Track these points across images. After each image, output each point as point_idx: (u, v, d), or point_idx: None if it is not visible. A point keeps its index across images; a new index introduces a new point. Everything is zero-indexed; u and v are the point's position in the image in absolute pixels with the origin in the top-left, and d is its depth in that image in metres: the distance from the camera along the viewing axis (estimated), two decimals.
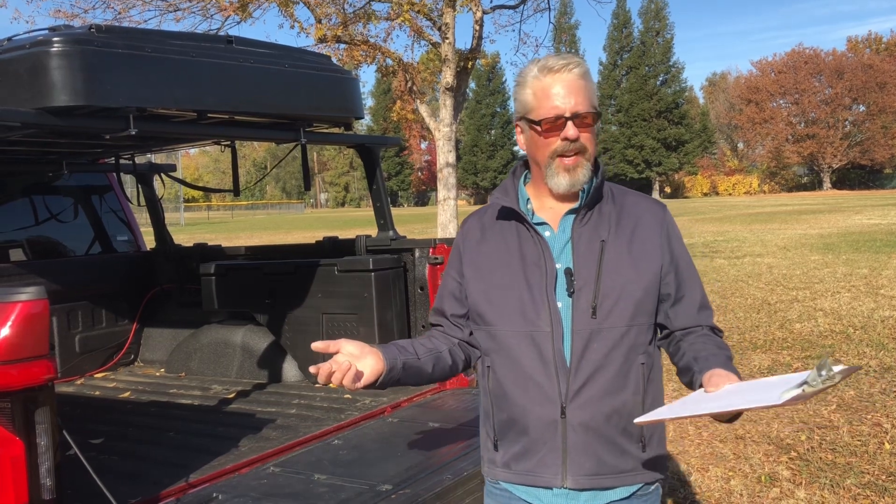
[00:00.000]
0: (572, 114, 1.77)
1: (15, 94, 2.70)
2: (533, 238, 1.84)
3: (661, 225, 1.87)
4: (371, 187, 4.30)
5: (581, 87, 1.79)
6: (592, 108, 1.80)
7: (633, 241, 1.83)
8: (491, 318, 1.86)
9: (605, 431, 1.79)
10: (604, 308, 1.77)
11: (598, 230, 1.83)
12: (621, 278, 1.79)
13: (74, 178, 5.03)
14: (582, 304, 1.78)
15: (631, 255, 1.81)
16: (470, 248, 1.94)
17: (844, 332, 8.08)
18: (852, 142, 68.73)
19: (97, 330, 4.88)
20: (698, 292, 1.89)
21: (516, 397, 1.83)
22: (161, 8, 11.58)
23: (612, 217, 1.85)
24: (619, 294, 1.78)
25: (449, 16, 11.21)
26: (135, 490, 2.62)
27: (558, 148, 1.79)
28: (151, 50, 2.89)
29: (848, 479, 4.27)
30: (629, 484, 1.83)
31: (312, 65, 3.54)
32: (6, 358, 2.10)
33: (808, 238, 19.29)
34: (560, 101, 1.77)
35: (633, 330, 1.79)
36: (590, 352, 1.77)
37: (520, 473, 1.85)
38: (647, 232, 1.85)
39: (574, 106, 1.77)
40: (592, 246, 1.81)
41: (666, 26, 69.61)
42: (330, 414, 3.58)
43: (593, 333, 1.77)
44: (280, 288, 4.26)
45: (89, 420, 3.68)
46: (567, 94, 1.77)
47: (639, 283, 1.80)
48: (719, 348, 1.82)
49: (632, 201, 1.90)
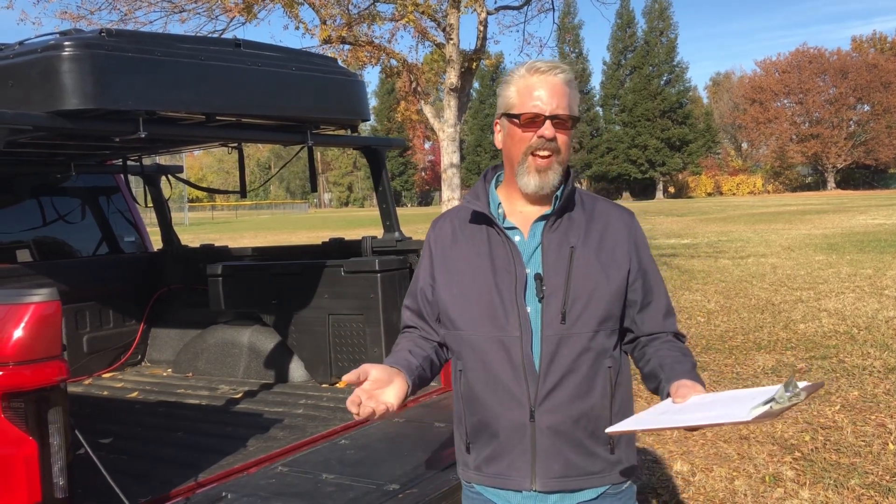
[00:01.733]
0: (552, 114, 1.80)
1: (27, 98, 2.73)
2: (504, 243, 1.85)
3: (630, 232, 1.90)
4: (377, 189, 4.32)
5: (564, 93, 1.82)
6: (572, 114, 1.83)
7: (602, 248, 1.86)
8: (461, 322, 1.87)
9: (573, 435, 1.81)
10: (573, 313, 1.79)
11: (567, 236, 1.85)
12: (590, 284, 1.81)
13: (82, 180, 5.07)
14: (551, 309, 1.79)
15: (599, 262, 1.84)
16: (441, 251, 1.94)
17: (848, 332, 8.08)
18: (856, 141, 68.58)
19: (105, 330, 4.91)
20: (664, 299, 1.93)
21: (486, 401, 1.84)
22: (166, 9, 11.61)
23: (581, 224, 1.87)
24: (587, 299, 1.80)
25: (453, 17, 11.23)
26: (145, 489, 2.65)
27: (533, 144, 1.81)
28: (160, 53, 2.92)
29: (852, 480, 4.28)
30: (597, 486, 1.85)
31: (319, 67, 3.57)
32: (20, 359, 2.14)
33: (813, 238, 19.27)
34: (542, 100, 1.80)
35: (601, 335, 1.82)
36: (559, 356, 1.79)
37: (490, 476, 1.88)
38: (615, 239, 1.88)
39: (555, 108, 1.80)
40: (562, 252, 1.83)
41: (670, 26, 69.55)
42: (337, 414, 3.61)
43: (562, 338, 1.79)
44: (286, 289, 4.29)
45: (98, 420, 3.71)
46: (550, 95, 1.81)
47: (607, 289, 1.83)
48: (684, 355, 1.85)
49: (601, 208, 1.92)
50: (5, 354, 2.13)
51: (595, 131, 71.10)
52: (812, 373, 6.59)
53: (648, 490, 4.31)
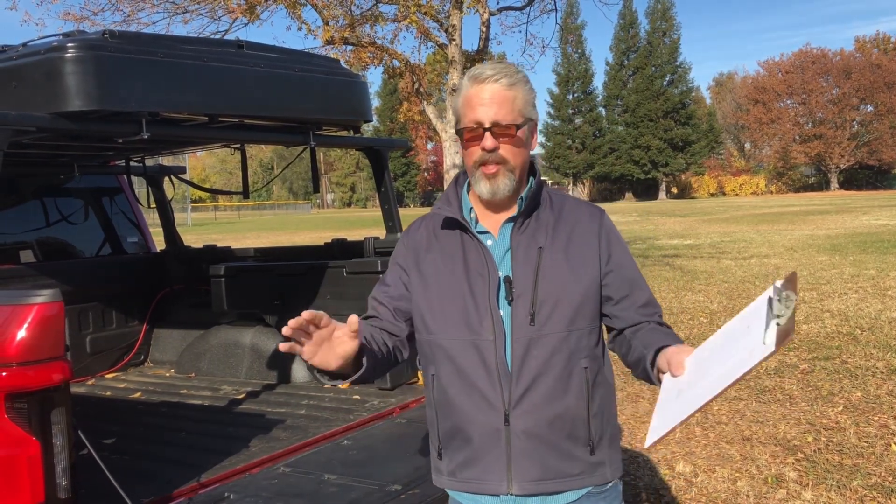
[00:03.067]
0: (491, 123, 1.77)
1: (30, 99, 2.74)
2: (476, 247, 1.84)
3: (598, 229, 1.89)
4: (379, 189, 4.33)
5: (505, 98, 1.79)
6: (516, 120, 1.79)
7: (570, 247, 1.85)
8: (435, 326, 1.86)
9: (549, 437, 1.80)
10: (541, 315, 1.78)
11: (535, 237, 1.84)
12: (558, 284, 1.80)
13: (85, 180, 5.08)
14: (520, 311, 1.79)
15: (568, 261, 1.83)
16: (416, 255, 1.93)
17: (851, 333, 8.07)
18: (860, 142, 68.49)
19: (108, 331, 4.92)
20: (644, 292, 1.91)
21: (460, 405, 1.83)
22: (169, 10, 11.65)
23: (549, 224, 1.86)
24: (556, 300, 1.79)
25: (456, 17, 11.24)
26: (148, 489, 2.66)
27: (478, 158, 1.80)
28: (164, 55, 2.93)
29: (855, 481, 4.28)
30: (577, 488, 1.84)
31: (322, 69, 3.58)
32: (23, 359, 2.14)
33: (816, 239, 19.25)
34: (481, 111, 1.78)
35: (574, 335, 1.80)
36: (530, 358, 1.78)
37: (465, 481, 1.86)
38: (583, 237, 1.87)
39: (493, 116, 1.77)
40: (530, 253, 1.82)
41: (672, 26, 69.48)
42: (339, 415, 3.62)
43: (532, 340, 1.78)
44: (289, 289, 4.29)
45: (101, 420, 3.72)
46: (489, 104, 1.78)
47: (576, 288, 1.81)
48: (667, 335, 1.83)
49: (569, 207, 1.92)
50: (9, 355, 2.14)
51: (598, 132, 71.06)
52: (815, 373, 6.59)
53: (651, 491, 4.31)
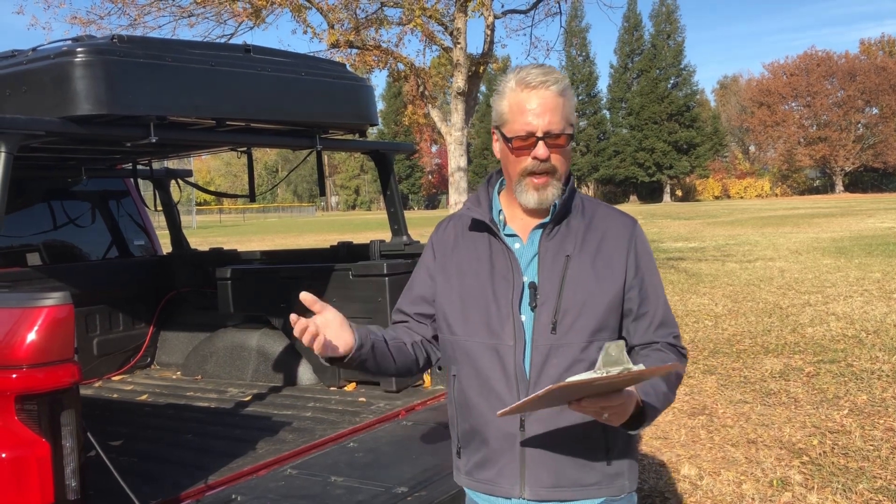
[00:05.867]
0: (545, 133, 1.75)
1: (40, 103, 2.76)
2: (503, 250, 1.83)
3: (629, 240, 1.85)
4: (385, 193, 4.34)
5: (557, 106, 1.77)
6: (566, 129, 1.78)
7: (598, 257, 1.81)
8: (458, 328, 1.86)
9: (564, 445, 1.78)
10: (564, 323, 1.77)
11: (564, 245, 1.81)
12: (583, 294, 1.77)
13: (92, 183, 5.10)
14: (542, 318, 1.77)
15: (594, 271, 1.80)
16: (443, 254, 1.94)
17: (857, 336, 8.06)
18: (865, 144, 68.34)
19: (114, 333, 4.94)
20: (661, 310, 1.86)
21: (478, 408, 1.83)
22: (175, 14, 11.69)
23: (579, 231, 1.84)
24: (580, 310, 1.77)
25: (461, 21, 11.26)
26: (155, 491, 2.67)
27: (528, 166, 1.78)
28: (171, 59, 2.95)
29: (860, 484, 4.28)
30: (592, 497, 1.81)
31: (328, 73, 3.59)
32: (33, 361, 2.16)
33: (821, 242, 19.21)
34: (533, 118, 1.75)
35: (595, 345, 1.76)
36: (549, 367, 1.77)
37: (481, 482, 1.88)
38: (613, 247, 1.83)
39: (547, 125, 1.75)
40: (557, 260, 1.80)
41: (677, 29, 69.46)
42: (345, 417, 3.62)
43: (552, 349, 1.77)
44: (295, 292, 4.29)
45: (108, 422, 3.73)
46: (542, 112, 1.75)
47: (601, 299, 1.78)
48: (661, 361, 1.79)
49: (601, 215, 1.88)
50: (19, 357, 2.16)
51: (602, 134, 71.03)
52: (820, 376, 6.58)
53: (656, 494, 4.31)
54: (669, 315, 1.89)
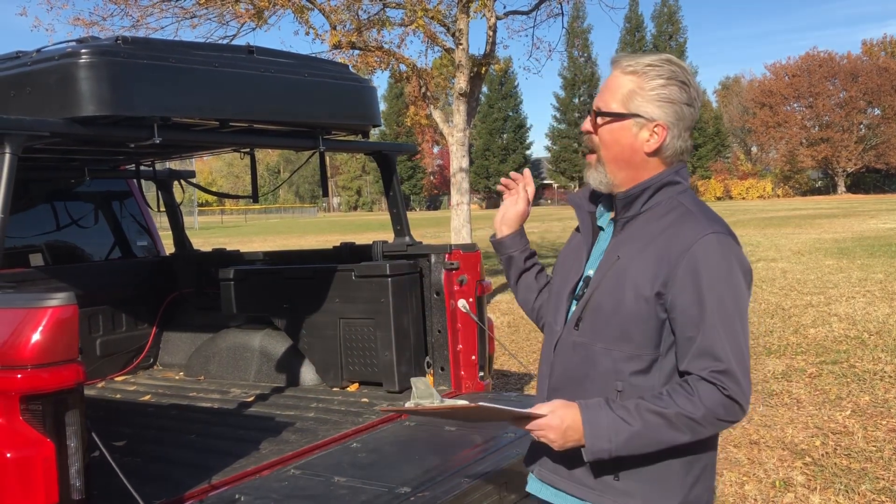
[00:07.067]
0: (595, 109, 1.75)
1: (44, 104, 2.77)
2: (588, 238, 1.86)
3: (682, 253, 1.64)
4: (387, 194, 4.35)
5: (615, 85, 1.71)
6: (611, 107, 1.70)
7: (646, 264, 1.67)
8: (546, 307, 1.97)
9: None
10: (586, 322, 1.73)
11: (624, 244, 1.72)
12: (612, 299, 1.69)
13: (95, 184, 5.12)
14: (576, 313, 1.77)
15: (633, 278, 1.67)
16: (572, 237, 1.97)
17: (859, 337, 8.05)
18: (867, 145, 68.25)
19: (117, 334, 4.95)
20: (710, 338, 1.61)
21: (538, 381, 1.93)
22: (178, 14, 11.71)
23: (649, 235, 1.70)
24: (606, 314, 1.70)
25: (463, 22, 11.26)
26: (159, 491, 2.68)
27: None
28: (175, 60, 2.96)
29: (863, 485, 4.28)
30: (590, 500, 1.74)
31: (331, 74, 3.60)
32: (38, 362, 2.17)
33: (823, 242, 19.20)
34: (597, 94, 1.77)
35: (614, 354, 1.69)
36: (567, 361, 1.78)
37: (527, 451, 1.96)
38: (666, 258, 1.66)
39: (597, 101, 1.75)
40: (609, 259, 1.74)
41: (679, 30, 69.49)
42: (348, 417, 3.63)
43: (574, 345, 1.76)
44: (298, 293, 4.32)
45: (111, 422, 3.74)
46: (603, 89, 1.76)
47: (627, 308, 1.67)
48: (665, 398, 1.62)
49: (676, 220, 1.70)
50: (24, 357, 2.17)
51: None
52: (822, 377, 6.58)
53: None
54: (720, 347, 1.61)
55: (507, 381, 6.83)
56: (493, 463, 2.90)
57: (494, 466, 2.86)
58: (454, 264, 3.96)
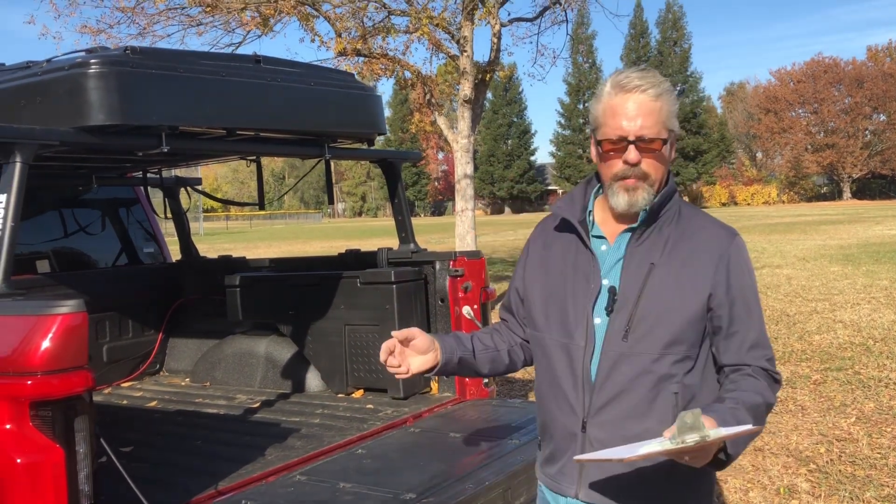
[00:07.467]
0: (636, 137, 1.72)
1: (54, 113, 2.81)
2: (587, 251, 1.84)
3: (722, 254, 1.77)
4: (393, 201, 4.38)
5: (652, 110, 1.73)
6: (661, 133, 1.74)
7: (685, 268, 1.76)
8: (539, 324, 1.91)
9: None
10: (637, 332, 1.74)
11: (651, 252, 1.78)
12: (661, 304, 1.74)
13: (102, 191, 5.16)
14: (616, 324, 1.76)
15: (678, 282, 1.75)
16: (535, 252, 1.98)
17: (864, 344, 8.04)
18: (872, 151, 68.11)
19: (124, 340, 4.98)
20: (754, 330, 1.79)
21: (548, 404, 1.89)
22: (184, 23, 11.76)
23: (670, 240, 1.79)
24: (655, 320, 1.73)
25: (467, 29, 11.29)
26: (167, 497, 2.70)
27: (619, 171, 1.76)
28: (183, 70, 3.00)
29: (867, 492, 4.27)
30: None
31: (337, 82, 3.64)
32: (48, 368, 2.20)
33: (828, 249, 19.16)
34: (626, 122, 1.72)
35: (668, 358, 1.74)
36: (616, 373, 1.76)
37: (547, 476, 1.93)
38: (702, 259, 1.76)
39: (639, 129, 1.72)
40: (641, 267, 1.77)
41: (683, 36, 69.46)
42: (353, 424, 3.65)
43: (622, 356, 1.75)
44: (303, 299, 4.34)
45: (118, 428, 3.77)
46: (635, 115, 1.72)
47: (680, 312, 1.74)
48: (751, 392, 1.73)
49: (698, 225, 1.82)
50: (33, 364, 2.20)
51: None
52: (827, 384, 6.57)
53: None
54: (763, 337, 1.81)
55: (512, 387, 6.84)
56: (498, 469, 2.91)
57: (499, 472, 2.87)
58: (459, 271, 3.98)
